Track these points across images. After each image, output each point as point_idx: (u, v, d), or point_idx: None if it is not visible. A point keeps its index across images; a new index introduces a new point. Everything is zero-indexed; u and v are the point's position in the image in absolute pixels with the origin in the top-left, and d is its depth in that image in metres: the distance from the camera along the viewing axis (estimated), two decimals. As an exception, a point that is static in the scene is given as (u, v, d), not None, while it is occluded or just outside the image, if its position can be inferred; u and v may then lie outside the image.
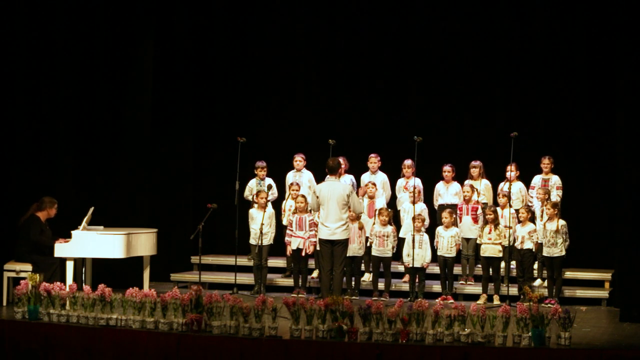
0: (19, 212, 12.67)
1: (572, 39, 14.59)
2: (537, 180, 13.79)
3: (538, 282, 13.34)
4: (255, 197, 13.81)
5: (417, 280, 13.14)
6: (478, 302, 12.50)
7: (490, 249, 13.04)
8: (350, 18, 15.49)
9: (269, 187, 13.97)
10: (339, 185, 12.51)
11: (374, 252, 13.30)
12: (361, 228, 13.28)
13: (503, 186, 13.64)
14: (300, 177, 14.14)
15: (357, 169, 14.11)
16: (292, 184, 14.00)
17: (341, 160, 13.35)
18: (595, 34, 14.39)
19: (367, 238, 13.32)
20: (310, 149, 14.46)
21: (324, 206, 12.31)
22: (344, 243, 12.45)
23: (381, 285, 13.32)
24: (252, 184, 14.24)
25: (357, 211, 12.82)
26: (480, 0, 14.98)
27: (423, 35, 15.19)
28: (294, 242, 13.41)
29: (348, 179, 13.71)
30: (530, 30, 14.78)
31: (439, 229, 13.39)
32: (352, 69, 15.51)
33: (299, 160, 14.19)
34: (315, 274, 13.62)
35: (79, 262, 12.95)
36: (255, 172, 14.25)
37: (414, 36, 15.23)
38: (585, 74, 14.53)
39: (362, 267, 13.60)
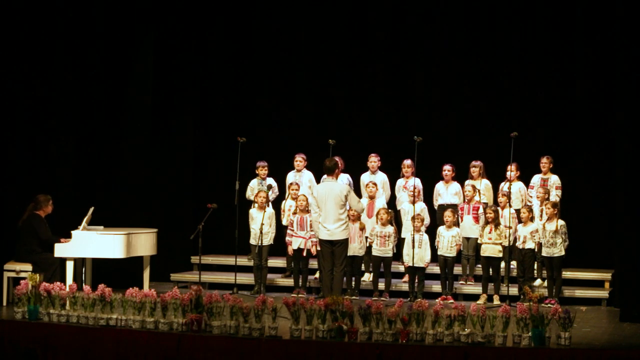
0: (19, 212, 12.68)
1: (571, 39, 14.59)
2: (536, 179, 13.80)
3: (538, 282, 13.34)
4: (254, 197, 13.82)
5: (416, 280, 13.15)
6: (478, 302, 12.50)
7: (490, 249, 13.03)
8: (351, 18, 15.49)
9: (269, 187, 13.99)
10: (336, 185, 12.52)
11: (374, 252, 13.30)
12: (362, 228, 13.28)
13: (503, 186, 13.65)
14: (300, 177, 14.14)
15: (357, 169, 14.11)
16: (291, 183, 14.00)
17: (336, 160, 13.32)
18: (594, 33, 14.39)
19: (366, 238, 13.32)
20: (310, 149, 14.46)
21: (322, 207, 12.31)
22: (344, 243, 12.46)
23: (381, 285, 13.32)
24: (254, 184, 14.24)
25: (357, 210, 12.84)
26: (480, 0, 14.99)
27: (423, 35, 15.19)
28: (295, 242, 13.41)
29: (345, 178, 13.70)
30: (530, 30, 14.77)
31: (440, 229, 13.39)
32: (353, 69, 15.50)
33: (299, 160, 14.19)
34: (317, 274, 13.60)
35: (79, 262, 12.96)
36: (257, 172, 14.26)
37: (414, 36, 15.23)
38: (585, 74, 14.53)
39: (362, 267, 13.60)
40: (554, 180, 13.72)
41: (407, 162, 13.87)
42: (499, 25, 14.90)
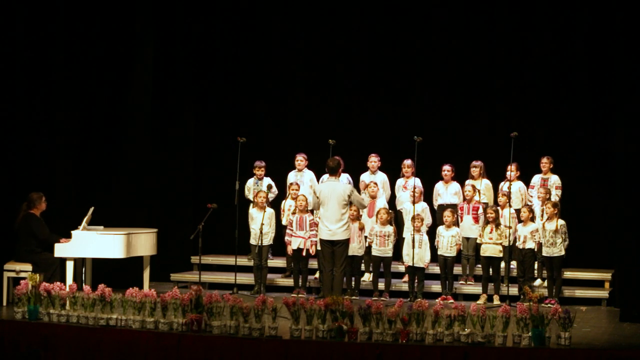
0: (19, 212, 12.67)
1: (571, 39, 14.59)
2: (536, 179, 13.81)
3: (538, 282, 13.34)
4: (254, 197, 13.82)
5: (416, 280, 13.14)
6: (478, 302, 12.50)
7: (490, 249, 13.03)
8: (351, 18, 15.49)
9: (269, 187, 13.98)
10: (339, 185, 12.51)
11: (374, 252, 13.30)
12: (362, 228, 13.28)
13: (503, 186, 13.65)
14: (301, 177, 14.14)
15: (357, 169, 14.11)
16: (291, 183, 14.01)
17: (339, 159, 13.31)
18: (594, 33, 14.38)
19: (365, 238, 13.32)
20: (310, 149, 14.45)
21: (324, 207, 12.31)
22: (345, 243, 12.45)
23: (381, 285, 13.32)
24: (250, 184, 14.26)
25: (362, 207, 12.84)
26: (480, 0, 14.99)
27: (423, 35, 15.19)
28: (294, 241, 13.41)
29: (344, 177, 13.69)
30: (530, 30, 14.77)
31: (440, 229, 13.40)
32: (353, 69, 15.50)
33: (300, 160, 14.19)
34: (317, 274, 13.60)
35: (79, 262, 12.96)
36: (254, 172, 14.27)
37: (414, 36, 15.23)
38: (585, 74, 14.52)
39: (362, 267, 13.60)
40: (554, 180, 13.72)
41: (407, 162, 13.88)
42: (499, 25, 14.88)
